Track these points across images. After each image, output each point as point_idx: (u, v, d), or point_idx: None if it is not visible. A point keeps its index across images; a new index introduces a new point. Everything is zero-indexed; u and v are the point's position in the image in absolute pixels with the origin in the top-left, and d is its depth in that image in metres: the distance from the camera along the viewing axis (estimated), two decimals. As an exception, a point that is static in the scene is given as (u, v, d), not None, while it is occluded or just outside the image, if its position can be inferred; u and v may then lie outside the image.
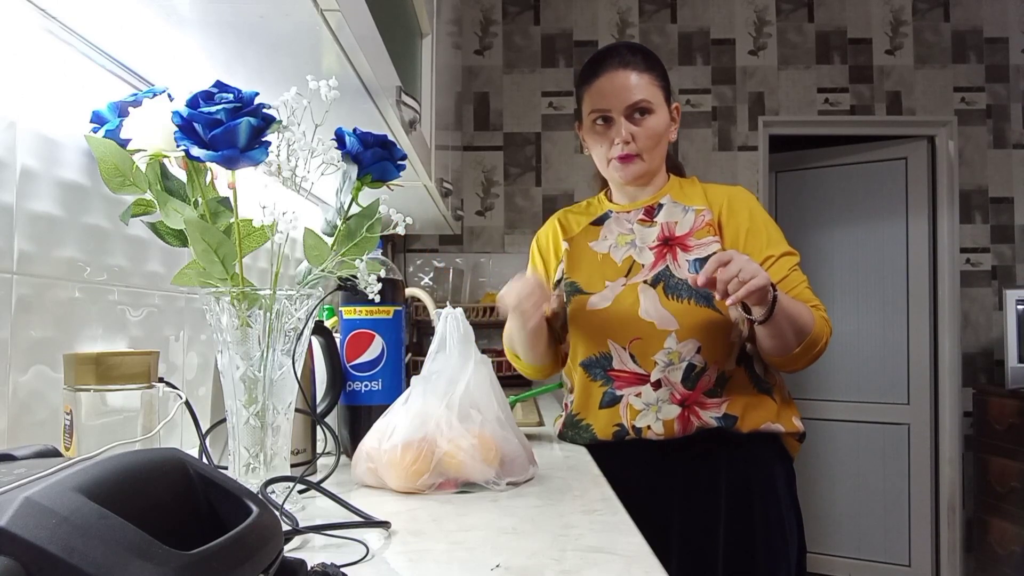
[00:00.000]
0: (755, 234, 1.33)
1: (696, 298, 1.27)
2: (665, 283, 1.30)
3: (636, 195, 1.42)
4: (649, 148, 1.34)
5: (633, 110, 1.32)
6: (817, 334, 1.23)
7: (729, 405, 1.27)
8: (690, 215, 1.35)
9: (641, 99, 1.32)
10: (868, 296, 3.70)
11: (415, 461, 0.88)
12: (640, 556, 0.65)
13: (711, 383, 1.27)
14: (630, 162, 1.34)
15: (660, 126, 1.34)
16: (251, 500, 0.41)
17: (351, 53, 0.91)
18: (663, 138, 1.36)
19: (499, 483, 0.91)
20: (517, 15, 3.49)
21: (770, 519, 1.29)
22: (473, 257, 3.41)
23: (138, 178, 0.74)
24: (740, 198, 1.37)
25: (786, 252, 1.33)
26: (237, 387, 0.74)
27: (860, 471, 3.66)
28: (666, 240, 1.34)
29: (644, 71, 1.34)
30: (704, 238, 1.33)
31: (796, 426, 1.32)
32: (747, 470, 1.29)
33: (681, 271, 1.31)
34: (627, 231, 1.39)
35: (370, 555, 0.63)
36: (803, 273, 1.33)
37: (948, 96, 3.48)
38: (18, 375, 0.82)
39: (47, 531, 0.30)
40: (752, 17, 3.50)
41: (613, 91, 1.33)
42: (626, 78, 1.32)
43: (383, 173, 0.83)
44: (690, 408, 1.27)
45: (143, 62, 1.00)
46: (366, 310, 1.10)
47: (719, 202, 1.36)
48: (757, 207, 1.37)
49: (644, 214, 1.39)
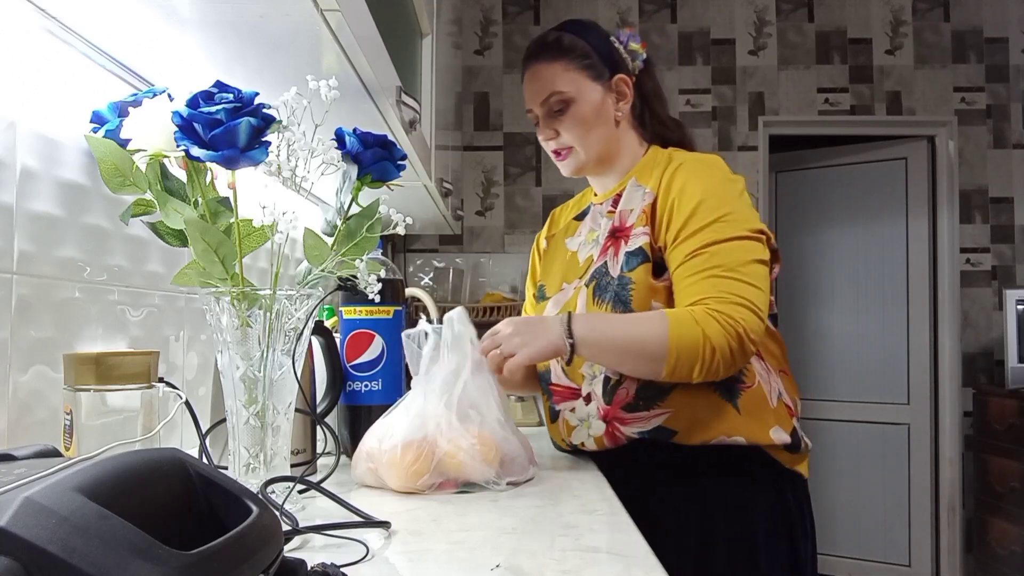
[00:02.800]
0: (677, 212, 1.12)
1: (615, 303, 1.12)
2: (597, 283, 1.16)
3: (606, 183, 1.29)
4: (580, 137, 1.22)
5: (549, 105, 1.23)
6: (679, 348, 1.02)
7: (668, 418, 1.10)
8: (642, 199, 1.19)
9: (552, 92, 1.22)
10: (868, 296, 3.70)
11: (415, 461, 0.88)
12: (640, 556, 0.65)
13: (630, 396, 1.11)
14: (564, 157, 1.26)
15: (585, 112, 1.21)
16: (251, 500, 0.41)
17: (351, 53, 0.91)
18: (594, 122, 1.22)
19: (499, 483, 0.91)
20: (517, 15, 3.49)
21: (734, 538, 1.12)
22: (473, 257, 3.41)
23: (138, 178, 0.74)
24: (686, 168, 1.16)
25: (704, 226, 1.09)
26: (237, 387, 0.74)
27: (860, 471, 3.66)
28: (613, 231, 1.20)
29: (553, 59, 1.23)
30: (639, 228, 1.15)
31: (770, 439, 1.10)
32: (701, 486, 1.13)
33: (615, 267, 1.15)
34: (596, 226, 1.27)
35: (370, 555, 0.63)
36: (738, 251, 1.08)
37: (948, 96, 3.48)
38: (18, 375, 0.82)
39: (47, 531, 0.30)
40: (752, 17, 3.50)
41: (529, 90, 1.26)
42: (536, 73, 1.24)
43: (383, 173, 0.83)
44: (612, 424, 1.13)
45: (143, 62, 1.00)
46: (366, 310, 1.10)
47: (666, 178, 1.16)
48: (700, 177, 1.14)
49: (612, 204, 1.25)
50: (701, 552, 1.12)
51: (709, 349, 1.02)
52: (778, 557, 1.13)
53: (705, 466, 1.12)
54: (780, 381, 1.18)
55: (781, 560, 1.13)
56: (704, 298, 1.05)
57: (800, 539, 1.16)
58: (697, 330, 1.02)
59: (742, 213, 1.11)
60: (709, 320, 1.02)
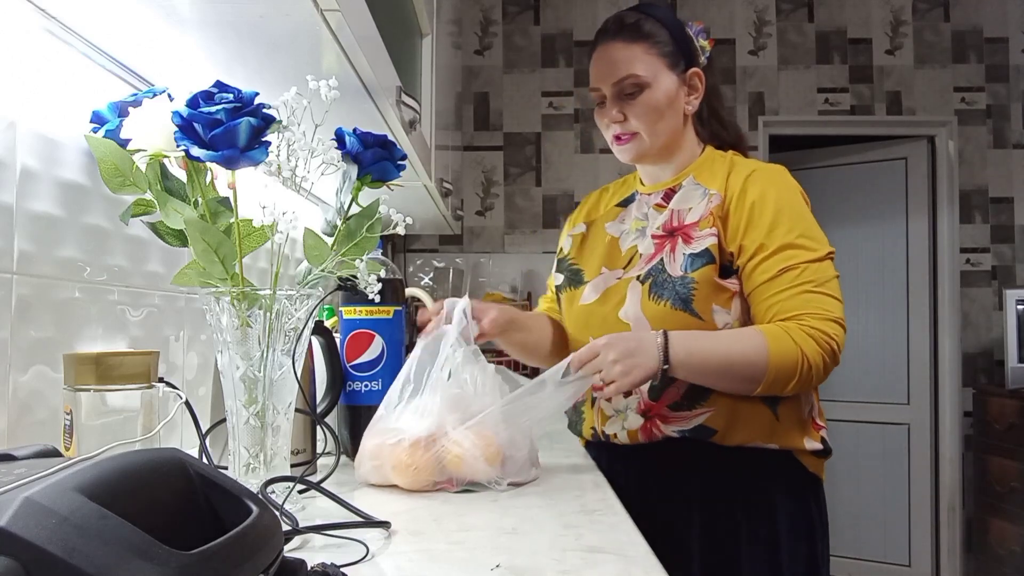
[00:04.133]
0: (756, 222, 1.12)
1: (674, 301, 1.13)
2: (653, 280, 1.16)
3: (659, 175, 1.28)
4: (649, 124, 1.20)
5: (621, 87, 1.20)
6: (779, 367, 1.05)
7: (709, 417, 1.13)
8: (705, 199, 1.18)
9: (627, 74, 1.19)
10: (868, 296, 3.70)
11: (419, 459, 0.89)
12: (640, 556, 0.65)
13: (678, 395, 1.14)
14: (626, 142, 1.23)
15: (658, 99, 1.19)
16: (251, 500, 0.41)
17: (351, 53, 0.91)
18: (666, 112, 1.20)
19: (500, 483, 0.91)
20: (517, 15, 3.49)
21: (759, 537, 1.15)
22: (473, 257, 3.41)
23: (138, 178, 0.74)
24: (760, 177, 1.16)
25: (791, 244, 1.10)
26: (237, 387, 0.74)
27: (860, 471, 3.66)
28: (671, 229, 1.19)
29: (633, 41, 1.20)
30: (705, 229, 1.15)
31: (802, 445, 1.16)
32: (731, 485, 1.16)
33: (675, 267, 1.15)
34: (643, 216, 1.26)
35: (370, 555, 0.63)
36: (823, 270, 1.11)
37: (948, 96, 3.48)
38: (18, 375, 0.82)
39: (47, 531, 0.30)
40: (752, 17, 3.50)
41: (600, 69, 1.22)
42: (612, 52, 1.21)
43: (383, 173, 0.83)
44: (652, 420, 1.16)
45: (143, 62, 1.00)
46: (366, 310, 1.10)
47: (735, 184, 1.16)
48: (776, 188, 1.15)
49: (663, 198, 1.24)
50: (727, 549, 1.15)
51: (806, 366, 1.05)
52: (798, 556, 1.16)
53: (736, 466, 1.15)
54: (813, 395, 1.22)
55: (800, 559, 1.16)
56: (799, 314, 1.08)
57: (819, 539, 1.19)
58: (796, 349, 1.05)
59: (818, 231, 1.15)
60: (806, 338, 1.05)
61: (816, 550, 1.18)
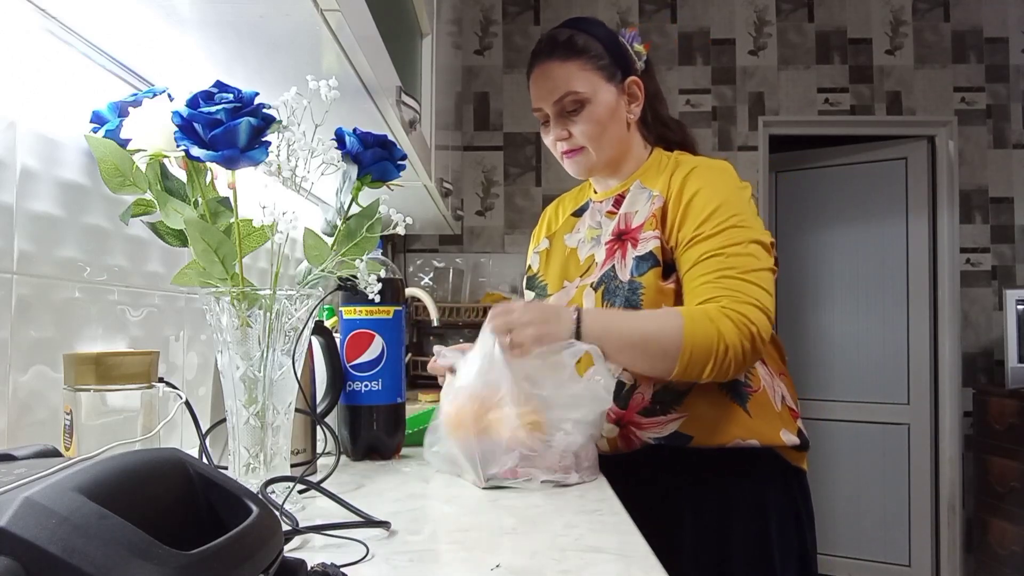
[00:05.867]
0: (691, 215, 1.12)
1: (625, 306, 1.13)
2: (606, 287, 1.17)
3: (609, 182, 1.30)
4: (594, 139, 1.21)
5: (562, 104, 1.21)
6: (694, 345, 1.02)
7: (684, 423, 1.13)
8: (649, 202, 1.19)
9: (567, 92, 1.20)
10: (868, 296, 3.70)
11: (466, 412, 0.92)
12: (640, 556, 0.65)
13: (646, 401, 1.14)
14: (574, 156, 1.24)
15: (600, 113, 1.20)
16: (251, 500, 0.41)
17: (351, 53, 0.91)
18: (609, 124, 1.21)
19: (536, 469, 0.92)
20: (517, 15, 3.49)
21: (750, 534, 1.15)
22: (473, 257, 3.41)
23: (138, 178, 0.74)
24: (700, 173, 1.16)
25: (721, 232, 1.09)
26: (237, 387, 0.74)
27: (860, 471, 3.66)
28: (619, 234, 1.20)
29: (568, 58, 1.21)
30: (648, 232, 1.15)
31: (781, 440, 1.15)
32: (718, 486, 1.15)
33: (624, 271, 1.16)
34: (596, 224, 1.27)
35: (370, 555, 0.63)
36: (753, 259, 1.09)
37: (948, 96, 3.48)
38: (18, 375, 0.82)
39: (47, 531, 0.30)
40: (752, 17, 3.50)
41: (539, 89, 1.23)
42: (549, 71, 1.22)
43: (383, 173, 0.83)
44: (627, 428, 1.15)
45: (143, 62, 1.00)
46: (366, 310, 1.10)
47: (676, 182, 1.17)
48: (714, 183, 1.15)
49: (613, 204, 1.25)
50: (720, 549, 1.15)
51: (723, 347, 1.02)
52: (789, 549, 1.17)
53: (721, 467, 1.15)
54: (783, 384, 1.22)
55: (791, 551, 1.17)
56: (717, 296, 1.06)
57: (807, 530, 1.20)
58: (712, 328, 1.03)
59: (753, 221, 1.13)
60: (723, 319, 1.03)
61: (806, 543, 1.20)
